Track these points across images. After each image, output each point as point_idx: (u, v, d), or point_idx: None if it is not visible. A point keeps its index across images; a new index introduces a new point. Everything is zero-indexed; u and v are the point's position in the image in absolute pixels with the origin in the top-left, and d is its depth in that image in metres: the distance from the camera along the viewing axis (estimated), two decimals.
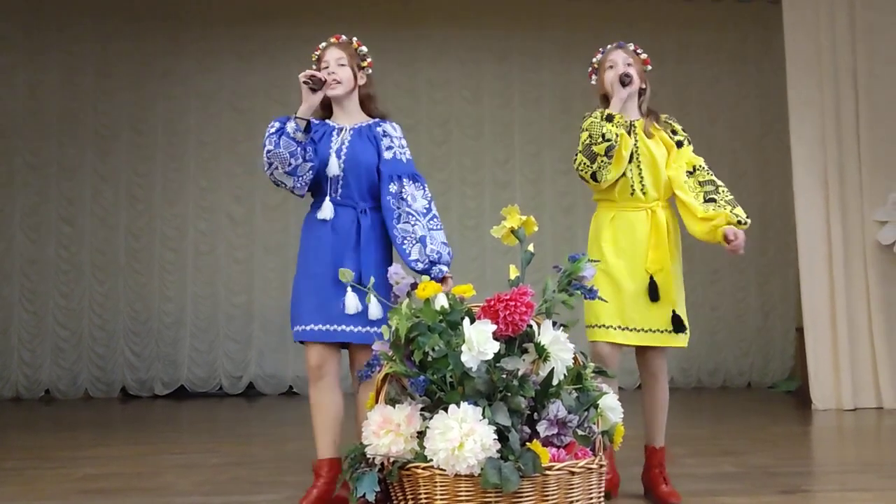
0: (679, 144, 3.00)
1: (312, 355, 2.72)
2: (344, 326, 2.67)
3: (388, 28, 7.53)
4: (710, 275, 7.71)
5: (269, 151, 2.65)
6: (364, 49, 2.90)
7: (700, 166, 2.98)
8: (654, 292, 2.85)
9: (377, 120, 2.89)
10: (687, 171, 2.96)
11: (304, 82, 2.70)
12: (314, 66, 2.86)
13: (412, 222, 2.73)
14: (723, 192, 2.92)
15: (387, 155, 2.80)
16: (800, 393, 6.47)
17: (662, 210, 2.94)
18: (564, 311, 2.34)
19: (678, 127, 3.07)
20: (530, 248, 2.39)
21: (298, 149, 2.65)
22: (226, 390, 7.37)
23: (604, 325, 2.84)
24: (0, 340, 7.22)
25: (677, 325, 2.86)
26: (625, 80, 2.91)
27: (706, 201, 2.88)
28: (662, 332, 2.87)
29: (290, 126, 2.66)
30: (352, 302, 2.62)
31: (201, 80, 7.56)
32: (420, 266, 2.69)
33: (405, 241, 2.72)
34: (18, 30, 7.37)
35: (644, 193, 2.92)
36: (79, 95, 7.47)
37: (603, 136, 2.80)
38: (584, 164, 2.84)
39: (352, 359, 2.77)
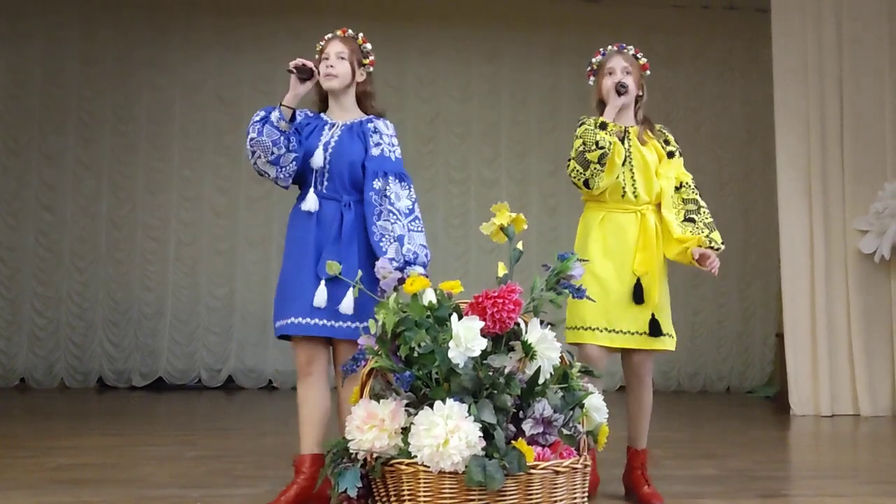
0: (670, 155, 3.03)
1: (301, 351, 2.70)
2: (329, 321, 2.64)
3: (377, 23, 7.48)
4: (691, 279, 7.75)
5: (251, 139, 2.63)
6: (368, 46, 2.87)
7: (687, 183, 3.01)
8: (638, 295, 2.86)
9: (370, 116, 2.86)
10: (675, 187, 2.99)
11: (290, 71, 2.68)
12: (317, 57, 2.83)
13: (392, 220, 2.70)
14: (703, 213, 2.96)
15: (374, 151, 2.76)
16: (778, 398, 6.52)
17: (651, 214, 2.95)
18: (551, 309, 2.33)
19: (671, 137, 3.09)
20: (519, 245, 2.38)
21: (281, 138, 2.63)
22: (205, 383, 7.31)
23: (590, 328, 2.84)
24: None
25: (653, 329, 2.87)
26: (620, 91, 2.90)
27: (685, 220, 2.93)
28: (643, 334, 2.88)
29: (275, 115, 2.64)
30: (321, 295, 2.60)
31: (187, 70, 7.49)
32: (395, 265, 2.64)
33: (383, 239, 2.69)
34: (0, 14, 7.25)
35: (635, 196, 2.93)
36: (62, 82, 7.37)
37: (597, 143, 2.79)
38: (578, 170, 2.85)
39: (336, 354, 2.74)
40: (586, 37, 7.20)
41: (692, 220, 2.92)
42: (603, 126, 2.84)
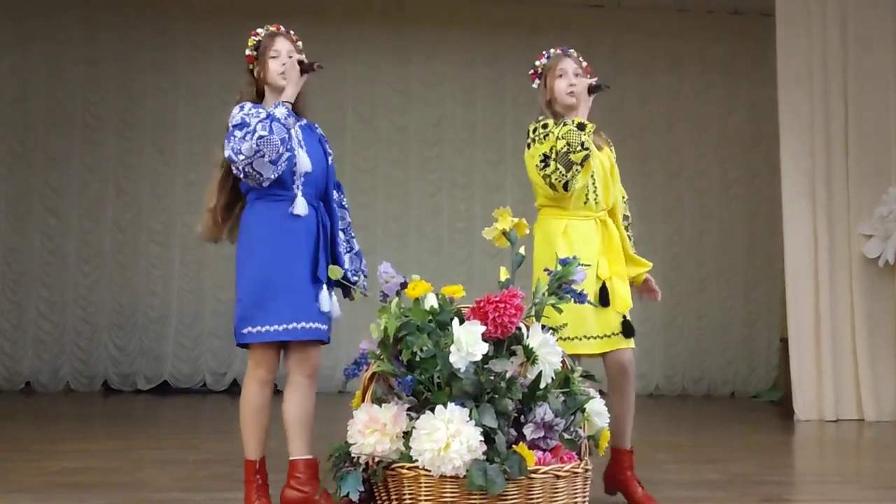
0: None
1: (275, 357, 2.71)
2: (318, 324, 2.65)
3: (382, 26, 7.52)
4: (696, 283, 7.74)
5: (261, 138, 2.48)
6: (300, 45, 2.86)
7: (626, 198, 3.13)
8: (605, 298, 2.87)
9: (309, 121, 2.83)
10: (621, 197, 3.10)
11: (311, 66, 2.65)
12: (253, 54, 2.80)
13: (349, 232, 2.83)
14: (631, 229, 3.11)
15: (329, 160, 2.81)
16: (783, 403, 6.52)
17: (609, 220, 2.99)
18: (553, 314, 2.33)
19: (612, 146, 3.12)
20: (521, 250, 2.39)
21: (286, 136, 2.56)
22: (209, 387, 7.32)
23: (568, 338, 2.79)
24: None
25: (627, 329, 2.87)
26: (594, 89, 2.92)
27: None
28: (615, 335, 2.88)
29: (281, 111, 2.56)
30: (326, 299, 2.61)
31: (191, 73, 7.51)
32: (353, 278, 2.70)
33: (341, 246, 2.77)
34: (4, 15, 7.27)
35: (595, 203, 2.95)
36: (66, 84, 7.40)
37: (582, 144, 2.78)
38: (560, 172, 2.81)
39: (302, 356, 2.73)
40: (589, 40, 7.20)
41: (629, 238, 3.07)
42: (581, 127, 2.82)
